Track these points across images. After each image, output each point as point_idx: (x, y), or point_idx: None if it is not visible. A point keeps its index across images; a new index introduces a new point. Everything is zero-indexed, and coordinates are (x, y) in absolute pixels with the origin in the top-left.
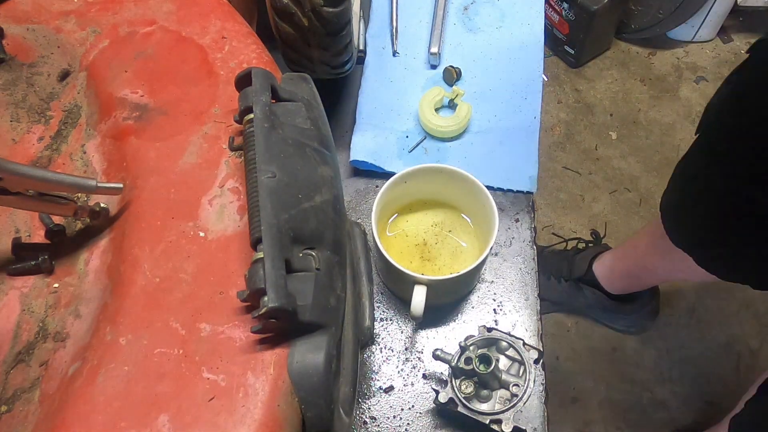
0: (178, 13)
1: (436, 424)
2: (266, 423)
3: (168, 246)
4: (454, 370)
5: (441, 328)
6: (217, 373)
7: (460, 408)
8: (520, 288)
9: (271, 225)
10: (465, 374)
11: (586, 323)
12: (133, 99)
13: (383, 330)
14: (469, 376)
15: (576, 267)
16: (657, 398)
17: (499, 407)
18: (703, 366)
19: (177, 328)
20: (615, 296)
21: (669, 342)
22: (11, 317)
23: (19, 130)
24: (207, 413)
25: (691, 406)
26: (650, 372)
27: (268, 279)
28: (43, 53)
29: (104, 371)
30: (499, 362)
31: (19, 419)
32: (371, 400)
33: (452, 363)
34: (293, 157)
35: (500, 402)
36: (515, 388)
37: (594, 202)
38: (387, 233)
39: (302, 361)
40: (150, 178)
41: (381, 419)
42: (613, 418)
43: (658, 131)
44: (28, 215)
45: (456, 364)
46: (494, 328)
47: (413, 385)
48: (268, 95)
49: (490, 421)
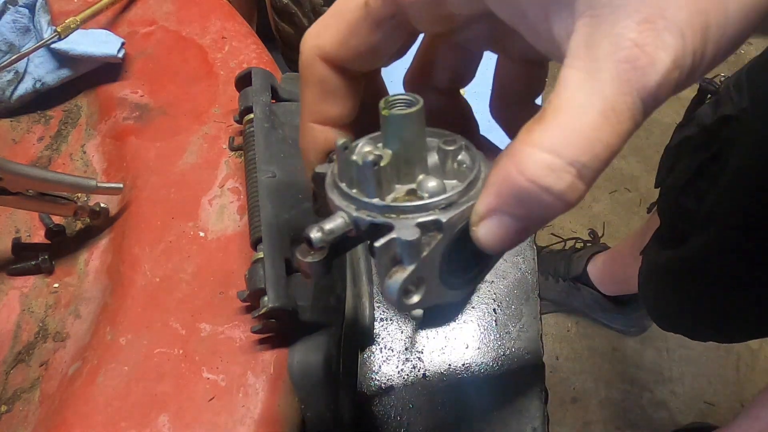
0: (178, 13)
1: (436, 424)
2: (266, 423)
3: (168, 246)
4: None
5: (441, 328)
6: (217, 373)
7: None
8: (520, 288)
9: (271, 225)
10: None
11: (586, 323)
12: (133, 99)
13: (383, 330)
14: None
15: (573, 266)
16: (657, 398)
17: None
18: (703, 366)
19: (177, 328)
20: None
21: (669, 342)
22: (11, 317)
23: (19, 130)
24: (207, 413)
25: (691, 406)
26: (650, 372)
27: (268, 279)
28: None
29: (104, 371)
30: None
31: (19, 419)
32: (371, 400)
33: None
34: (293, 157)
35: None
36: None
37: (594, 202)
38: None
39: (302, 361)
40: (150, 178)
41: (381, 419)
42: (613, 418)
43: (658, 131)
44: (28, 215)
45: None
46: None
47: (413, 385)
48: (268, 95)
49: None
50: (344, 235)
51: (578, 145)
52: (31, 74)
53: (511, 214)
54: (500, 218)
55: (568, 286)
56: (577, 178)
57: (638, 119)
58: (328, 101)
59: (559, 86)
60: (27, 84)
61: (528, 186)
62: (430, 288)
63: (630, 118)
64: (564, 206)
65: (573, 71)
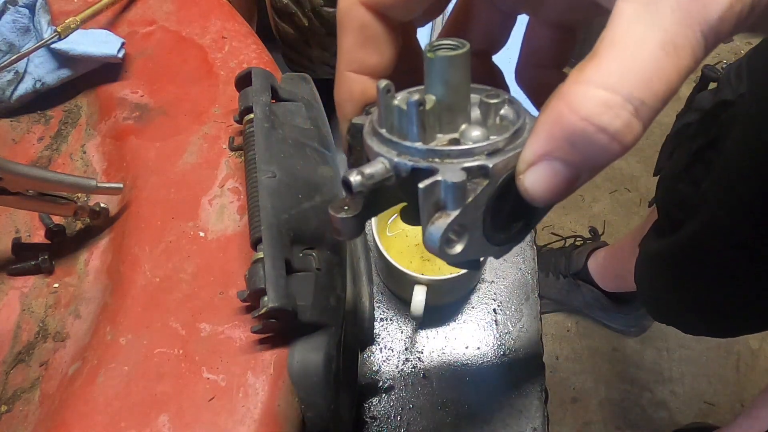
0: (178, 13)
1: (436, 424)
2: (266, 423)
3: (168, 246)
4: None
5: (441, 328)
6: (217, 373)
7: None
8: (520, 288)
9: (271, 225)
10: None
11: (586, 323)
12: (133, 99)
13: (383, 330)
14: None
15: (573, 262)
16: (657, 398)
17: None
18: (703, 366)
19: (177, 328)
20: (612, 295)
21: (669, 342)
22: (11, 317)
23: (19, 130)
24: (207, 413)
25: (691, 406)
26: (650, 372)
27: (268, 279)
28: None
29: (104, 371)
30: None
31: (19, 419)
32: (371, 400)
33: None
34: (293, 157)
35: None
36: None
37: (594, 202)
38: (387, 233)
39: (302, 361)
40: (150, 178)
41: (381, 419)
42: (613, 418)
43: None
44: (28, 215)
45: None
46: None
47: (413, 385)
48: (268, 95)
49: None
50: (382, 184)
51: (636, 80)
52: (31, 74)
53: (562, 160)
54: (550, 164)
55: (568, 283)
56: (634, 116)
57: (699, 56)
58: (368, 48)
59: (613, 20)
60: (27, 84)
61: (581, 125)
62: (472, 240)
63: (691, 54)
64: (619, 148)
65: (629, 3)
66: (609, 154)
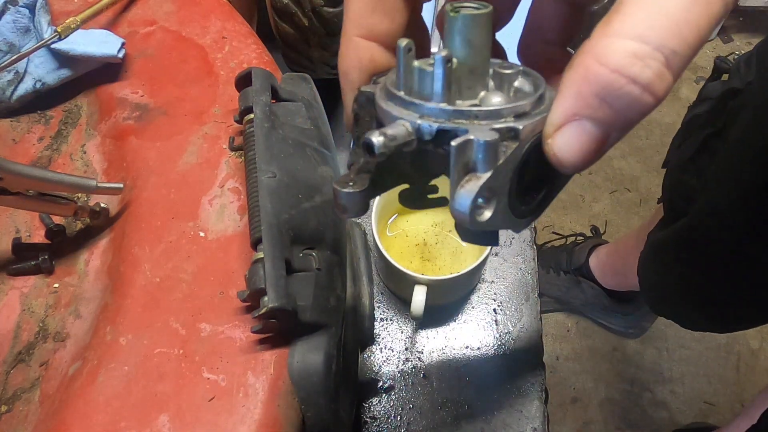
0: (178, 13)
1: (436, 424)
2: (266, 423)
3: (168, 246)
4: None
5: (441, 328)
6: (217, 373)
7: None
8: (520, 288)
9: (271, 225)
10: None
11: (586, 323)
12: (133, 99)
13: (383, 330)
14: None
15: (575, 258)
16: (657, 398)
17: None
18: (703, 366)
19: (177, 328)
20: (613, 294)
21: (669, 342)
22: (11, 317)
23: (19, 130)
24: (207, 413)
25: (691, 406)
26: (650, 372)
27: (268, 279)
28: None
29: (104, 371)
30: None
31: (19, 419)
32: (371, 400)
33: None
34: (293, 157)
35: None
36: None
37: (594, 201)
38: (387, 233)
39: (302, 361)
40: (150, 178)
41: (381, 419)
42: (613, 418)
43: (658, 131)
44: (28, 215)
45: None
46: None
47: (413, 385)
48: (268, 95)
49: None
50: (400, 150)
51: (665, 28)
52: (31, 74)
53: (592, 118)
54: (580, 125)
55: (569, 280)
56: (665, 66)
57: (729, 2)
58: (379, 12)
59: None
60: (27, 84)
61: (611, 77)
62: (498, 209)
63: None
64: (652, 100)
65: None
66: (641, 107)
